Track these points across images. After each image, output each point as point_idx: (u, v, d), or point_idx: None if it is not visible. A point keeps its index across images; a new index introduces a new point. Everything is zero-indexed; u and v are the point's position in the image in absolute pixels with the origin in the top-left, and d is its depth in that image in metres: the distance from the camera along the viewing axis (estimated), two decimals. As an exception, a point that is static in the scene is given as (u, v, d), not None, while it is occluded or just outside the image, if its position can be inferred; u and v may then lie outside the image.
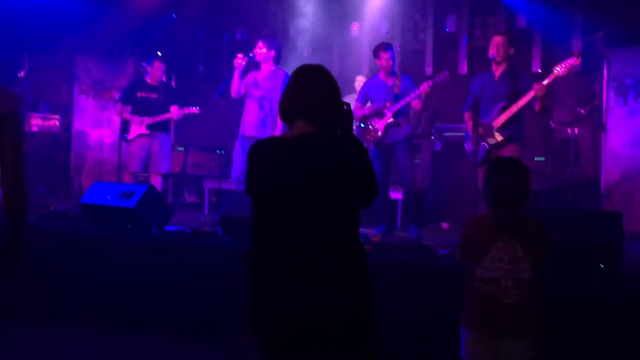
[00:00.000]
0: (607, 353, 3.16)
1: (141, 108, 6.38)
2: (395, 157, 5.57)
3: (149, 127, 6.36)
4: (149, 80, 6.52)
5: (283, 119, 2.26)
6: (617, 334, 3.17)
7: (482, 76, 5.09)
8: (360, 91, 5.87)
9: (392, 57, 5.58)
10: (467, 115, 5.17)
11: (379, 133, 5.53)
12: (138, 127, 6.37)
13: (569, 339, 3.21)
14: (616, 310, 3.22)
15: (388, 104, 5.53)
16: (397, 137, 5.51)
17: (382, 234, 5.42)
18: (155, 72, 6.48)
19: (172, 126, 6.93)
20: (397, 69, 5.89)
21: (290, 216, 2.07)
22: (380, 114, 5.55)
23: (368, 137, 5.60)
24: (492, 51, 4.93)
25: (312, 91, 2.20)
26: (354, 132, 6.75)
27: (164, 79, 6.69)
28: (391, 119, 5.49)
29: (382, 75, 5.67)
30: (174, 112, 6.39)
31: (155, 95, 6.45)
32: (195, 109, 6.43)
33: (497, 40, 4.94)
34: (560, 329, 3.15)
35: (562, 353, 3.17)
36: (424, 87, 5.27)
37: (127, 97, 6.50)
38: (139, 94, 6.43)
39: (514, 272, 2.41)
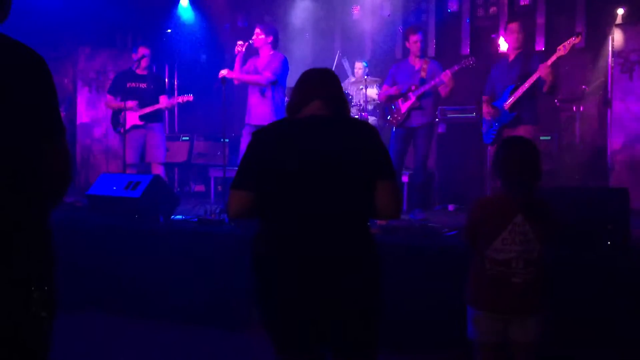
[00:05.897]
0: (615, 329, 3.16)
1: (131, 98, 6.23)
2: (414, 140, 5.58)
3: (142, 117, 6.28)
4: (137, 70, 6.41)
5: (292, 113, 2.20)
6: (625, 311, 3.17)
7: (499, 61, 5.26)
8: (388, 74, 5.86)
9: (421, 40, 5.55)
10: (484, 99, 5.26)
11: (402, 115, 5.53)
12: (131, 118, 6.24)
13: (576, 316, 3.21)
14: (624, 287, 3.21)
15: (413, 87, 5.52)
16: (419, 122, 5.53)
17: (388, 216, 5.42)
18: (143, 59, 6.33)
19: (166, 115, 6.84)
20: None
21: (300, 198, 2.01)
22: (405, 97, 5.54)
23: (391, 118, 5.62)
24: (511, 39, 5.01)
25: (325, 83, 2.20)
26: (378, 115, 6.78)
27: (153, 68, 6.56)
28: (415, 102, 5.48)
29: (410, 59, 5.67)
30: (163, 101, 6.35)
31: (145, 85, 6.36)
32: (189, 97, 6.31)
33: (514, 27, 5.02)
34: (568, 307, 3.15)
35: (570, 329, 3.18)
36: (447, 73, 5.27)
37: (116, 88, 6.39)
38: (128, 85, 6.29)
39: (525, 253, 2.40)
